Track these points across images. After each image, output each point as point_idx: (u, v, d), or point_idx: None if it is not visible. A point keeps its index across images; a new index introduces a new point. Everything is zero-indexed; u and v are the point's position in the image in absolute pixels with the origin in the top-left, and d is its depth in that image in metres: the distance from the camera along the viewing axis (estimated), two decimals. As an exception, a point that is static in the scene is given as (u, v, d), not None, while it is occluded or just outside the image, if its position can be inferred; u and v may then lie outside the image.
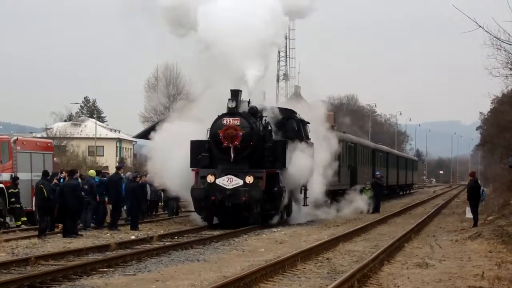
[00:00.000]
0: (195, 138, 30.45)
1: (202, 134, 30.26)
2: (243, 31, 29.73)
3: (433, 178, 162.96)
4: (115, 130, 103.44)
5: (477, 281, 16.31)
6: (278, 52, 71.03)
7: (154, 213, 37.41)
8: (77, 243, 23.16)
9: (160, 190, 36.53)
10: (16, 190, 28.16)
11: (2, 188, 28.18)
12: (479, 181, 36.46)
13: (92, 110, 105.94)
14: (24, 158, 30.19)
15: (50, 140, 37.63)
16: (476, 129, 70.26)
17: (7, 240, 23.27)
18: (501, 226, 29.50)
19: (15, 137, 31.37)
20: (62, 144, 75.32)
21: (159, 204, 39.55)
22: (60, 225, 26.24)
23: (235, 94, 29.90)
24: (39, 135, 75.59)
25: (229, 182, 29.16)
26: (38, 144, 32.69)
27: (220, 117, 29.96)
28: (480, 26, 21.36)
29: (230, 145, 29.54)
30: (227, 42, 29.59)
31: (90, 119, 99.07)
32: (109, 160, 79.57)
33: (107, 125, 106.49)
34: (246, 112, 30.26)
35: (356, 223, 32.97)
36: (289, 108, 34.75)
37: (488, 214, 37.70)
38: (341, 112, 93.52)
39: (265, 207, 29.63)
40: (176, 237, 25.70)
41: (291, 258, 18.76)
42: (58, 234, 25.57)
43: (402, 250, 22.44)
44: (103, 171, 33.93)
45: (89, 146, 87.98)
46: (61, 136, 79.65)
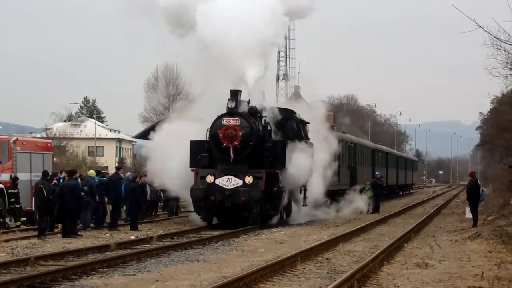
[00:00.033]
0: (194, 138, 30.43)
1: (202, 134, 30.24)
2: (242, 31, 29.70)
3: (432, 178, 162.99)
4: (114, 130, 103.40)
5: (477, 281, 16.30)
6: (278, 52, 71.00)
7: (153, 213, 37.39)
8: (77, 243, 23.16)
9: (160, 191, 36.51)
10: (16, 191, 28.15)
11: (2, 188, 28.16)
12: (478, 181, 36.44)
13: (91, 110, 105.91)
14: (24, 159, 30.17)
15: (49, 141, 37.61)
16: (476, 129, 70.32)
17: (7, 240, 23.27)
18: (500, 226, 29.49)
19: (15, 137, 31.36)
20: (62, 144, 75.30)
21: (159, 204, 39.52)
22: (60, 225, 26.25)
23: (235, 94, 29.87)
24: (38, 135, 75.54)
25: (228, 182, 29.14)
26: (37, 144, 32.69)
27: (220, 117, 29.94)
28: (480, 26, 21.38)
29: (230, 145, 29.52)
30: (226, 42, 29.56)
31: (89, 119, 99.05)
32: (108, 160, 79.55)
33: (106, 125, 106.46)
34: (246, 112, 30.23)
35: (356, 223, 32.96)
36: (288, 108, 34.74)
37: (488, 214, 37.68)
38: (341, 112, 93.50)
39: (265, 207, 29.60)
40: (175, 237, 25.70)
41: (291, 258, 18.75)
42: (58, 234, 25.57)
43: (401, 250, 22.43)
44: (102, 171, 33.93)
45: (88, 146, 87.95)
46: (61, 136, 79.62)
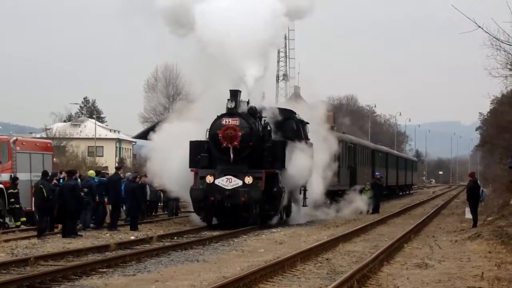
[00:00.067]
0: (194, 139, 30.43)
1: (201, 135, 30.23)
2: (242, 31, 29.68)
3: (432, 179, 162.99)
4: (114, 130, 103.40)
5: (477, 281, 16.30)
6: (278, 52, 71.17)
7: (153, 213, 37.39)
8: (77, 243, 23.16)
9: (160, 191, 36.51)
10: (16, 191, 28.15)
11: (2, 188, 28.16)
12: (478, 182, 36.44)
13: (91, 111, 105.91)
14: (24, 159, 30.18)
15: (49, 141, 37.62)
16: (476, 130, 70.31)
17: (7, 241, 23.27)
18: (500, 226, 29.49)
19: (15, 138, 31.38)
20: (62, 144, 75.29)
21: (159, 204, 39.53)
22: (60, 226, 26.25)
23: (234, 95, 29.86)
24: (38, 135, 75.53)
25: (228, 182, 29.13)
26: (37, 144, 32.69)
27: (219, 118, 29.93)
28: (479, 27, 21.39)
29: (229, 146, 29.51)
30: (226, 42, 29.54)
31: (89, 119, 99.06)
32: (108, 161, 79.55)
33: (106, 125, 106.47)
34: (246, 113, 30.21)
35: (356, 223, 32.96)
36: (288, 108, 34.72)
37: (488, 214, 37.67)
38: (341, 113, 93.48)
39: (265, 207, 29.59)
40: (175, 238, 25.69)
41: (291, 258, 18.75)
42: (58, 235, 25.56)
43: (401, 251, 22.43)
44: (102, 171, 33.91)
45: (88, 146, 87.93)
46: (61, 136, 79.59)
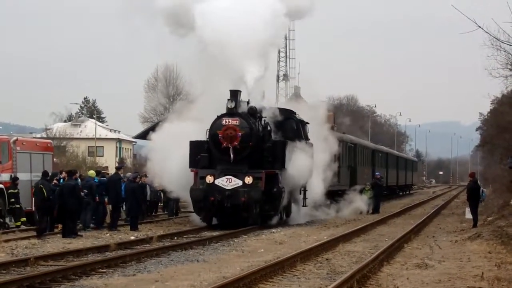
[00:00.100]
0: (194, 139, 30.42)
1: (201, 135, 30.23)
2: (242, 31, 29.67)
3: (432, 179, 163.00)
4: (114, 130, 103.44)
5: (477, 281, 16.30)
6: (278, 52, 71.14)
7: (153, 213, 37.39)
8: (77, 243, 23.16)
9: (160, 191, 36.51)
10: (16, 191, 28.15)
11: (2, 188, 28.16)
12: (478, 182, 36.44)
13: (92, 111, 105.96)
14: (24, 159, 30.18)
15: (49, 141, 37.62)
16: (476, 130, 70.20)
17: (7, 241, 23.26)
18: (500, 226, 29.48)
19: (15, 138, 31.38)
20: (62, 144, 75.34)
21: (159, 204, 39.53)
22: (60, 226, 26.25)
23: (234, 95, 29.85)
24: (38, 135, 75.57)
25: (228, 182, 29.12)
26: (37, 144, 32.69)
27: (219, 118, 29.92)
28: (479, 27, 21.36)
29: (229, 146, 29.51)
30: (226, 42, 29.53)
31: (90, 119, 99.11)
32: (108, 161, 79.61)
33: (107, 125, 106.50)
34: (246, 113, 30.20)
35: (356, 223, 32.96)
36: (288, 108, 34.72)
37: (488, 214, 37.66)
38: (341, 113, 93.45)
39: (265, 207, 29.57)
40: (175, 238, 25.69)
41: (291, 258, 18.75)
42: (58, 235, 25.56)
43: (401, 251, 22.43)
44: (102, 171, 33.93)
45: (88, 146, 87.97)
46: (61, 136, 79.66)
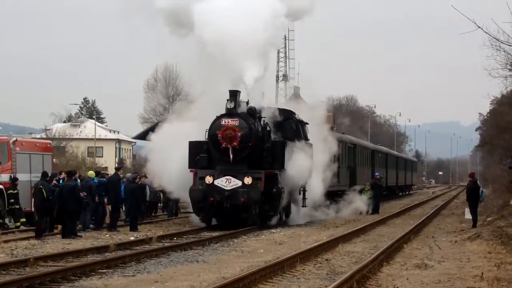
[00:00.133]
0: (193, 139, 30.41)
1: (201, 135, 30.22)
2: (242, 31, 29.66)
3: (432, 179, 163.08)
4: (114, 131, 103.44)
5: (476, 282, 16.30)
6: (278, 53, 71.25)
7: (153, 214, 37.38)
8: (76, 244, 23.15)
9: (159, 191, 36.49)
10: (15, 191, 28.15)
11: (1, 189, 28.16)
12: (478, 182, 36.44)
13: (91, 111, 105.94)
14: (23, 159, 30.18)
15: (49, 141, 37.63)
16: (476, 130, 70.33)
17: (6, 241, 23.25)
18: (500, 227, 29.48)
19: (14, 138, 31.38)
20: (62, 145, 75.34)
21: (159, 205, 39.51)
22: (59, 226, 26.24)
23: (234, 95, 29.83)
24: (38, 136, 75.52)
25: (227, 183, 29.11)
26: (37, 145, 32.69)
27: (219, 118, 29.91)
28: (479, 27, 21.36)
29: (229, 146, 29.49)
30: (226, 42, 29.51)
31: (89, 120, 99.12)
32: (108, 161, 79.62)
33: (106, 126, 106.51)
34: (245, 113, 30.19)
35: (355, 224, 32.95)
36: (288, 108, 34.71)
37: (487, 215, 37.67)
38: (341, 113, 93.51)
39: (264, 208, 29.56)
40: (175, 238, 25.68)
41: (290, 259, 18.74)
42: (57, 235, 25.55)
43: (401, 251, 22.43)
44: (102, 172, 33.90)
45: (88, 147, 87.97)
46: (61, 137, 79.64)
